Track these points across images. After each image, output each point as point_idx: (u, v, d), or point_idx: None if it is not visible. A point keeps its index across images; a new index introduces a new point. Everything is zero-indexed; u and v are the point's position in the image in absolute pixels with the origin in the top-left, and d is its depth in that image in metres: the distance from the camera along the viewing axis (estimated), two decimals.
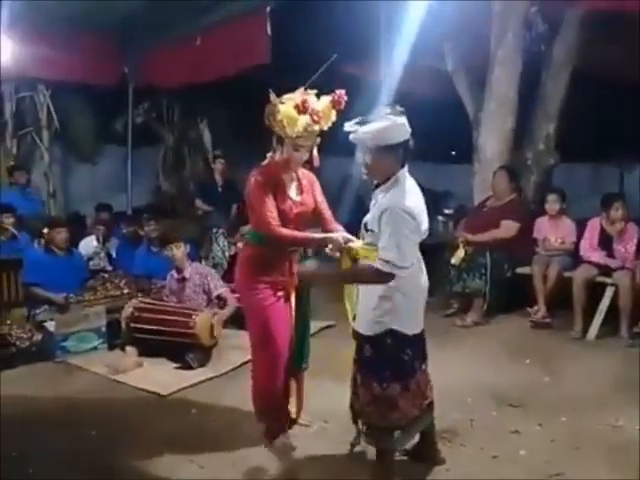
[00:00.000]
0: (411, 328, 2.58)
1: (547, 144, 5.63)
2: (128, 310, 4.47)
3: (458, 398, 3.53)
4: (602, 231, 4.90)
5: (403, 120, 2.47)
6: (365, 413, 2.64)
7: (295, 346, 3.07)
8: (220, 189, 6.96)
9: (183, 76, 7.09)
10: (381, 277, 2.44)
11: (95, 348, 4.55)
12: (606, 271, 4.79)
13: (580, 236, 5.13)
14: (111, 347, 4.63)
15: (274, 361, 2.97)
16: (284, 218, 2.88)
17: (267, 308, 2.93)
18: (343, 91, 2.84)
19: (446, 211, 7.44)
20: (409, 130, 2.49)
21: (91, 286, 5.01)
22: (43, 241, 5.44)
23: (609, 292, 4.72)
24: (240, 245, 6.62)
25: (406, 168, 2.55)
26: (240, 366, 4.23)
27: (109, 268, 5.92)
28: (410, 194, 2.50)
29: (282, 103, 2.80)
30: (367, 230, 2.57)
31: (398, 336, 2.54)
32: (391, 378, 2.56)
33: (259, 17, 6.31)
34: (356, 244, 2.68)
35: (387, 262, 2.40)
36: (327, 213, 3.12)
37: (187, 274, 4.63)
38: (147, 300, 4.64)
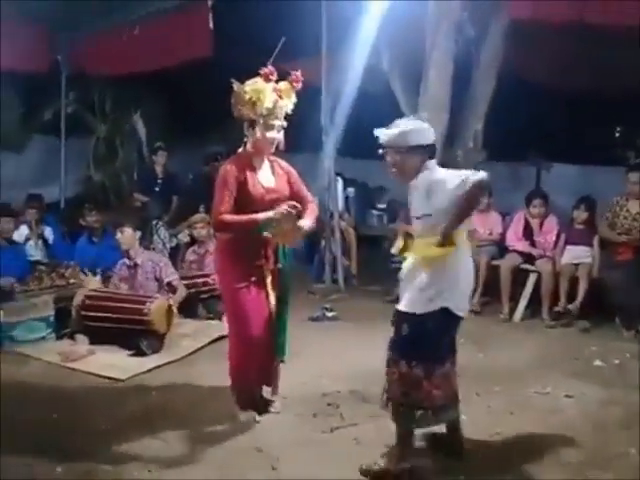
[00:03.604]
0: (461, 309, 2.71)
1: (475, 142, 6.05)
2: (79, 298, 4.48)
3: None
4: (526, 223, 5.40)
5: (427, 126, 2.75)
6: (391, 390, 2.76)
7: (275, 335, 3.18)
8: (160, 181, 6.97)
9: (121, 65, 7.03)
10: (482, 187, 2.60)
11: (43, 338, 4.52)
12: (529, 259, 5.29)
13: (505, 228, 5.62)
14: (59, 337, 4.60)
15: (244, 343, 3.12)
16: (257, 205, 3.01)
17: (238, 292, 3.07)
18: (299, 71, 3.05)
19: (379, 205, 7.78)
20: (433, 136, 2.74)
21: (37, 276, 4.94)
22: None
23: (532, 278, 5.21)
24: (181, 237, 6.73)
25: (434, 160, 2.75)
26: (193, 353, 4.37)
27: (45, 260, 5.84)
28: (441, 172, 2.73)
29: (244, 87, 2.98)
30: (418, 218, 2.73)
31: (447, 316, 2.67)
32: (420, 359, 2.67)
33: (201, 10, 6.39)
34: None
35: (474, 173, 2.57)
36: (306, 196, 3.22)
37: (139, 260, 4.68)
38: (99, 288, 4.66)
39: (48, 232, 6.14)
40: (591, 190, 5.65)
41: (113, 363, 4.11)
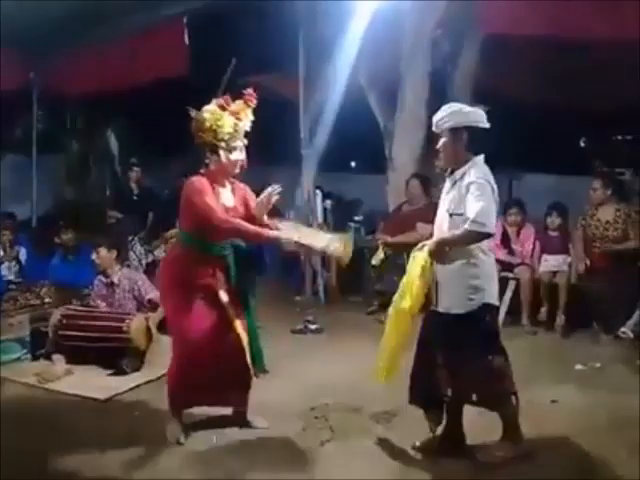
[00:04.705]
0: (496, 300, 2.88)
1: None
2: (55, 317, 4.37)
3: (392, 383, 3.79)
4: (504, 232, 5.47)
5: (473, 110, 2.79)
6: (479, 388, 2.82)
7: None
8: (135, 197, 6.90)
9: (95, 83, 6.98)
10: (478, 237, 2.71)
11: (18, 359, 4.39)
12: (507, 267, 5.34)
13: None
14: (34, 357, 4.48)
15: (183, 359, 3.10)
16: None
17: (182, 311, 3.04)
18: (251, 89, 3.07)
19: (356, 218, 7.80)
20: (481, 121, 2.77)
21: (11, 296, 4.81)
22: None
23: (511, 286, 5.27)
24: (157, 252, 6.64)
25: (482, 156, 2.80)
26: None
27: (17, 280, 5.71)
28: (488, 173, 2.79)
29: (202, 114, 2.99)
30: (451, 215, 2.80)
31: (491, 309, 2.82)
32: (495, 350, 2.83)
33: (176, 26, 6.38)
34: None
35: (482, 224, 2.64)
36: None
37: (116, 279, 4.59)
38: (75, 307, 4.55)
39: (22, 253, 6.01)
40: (562, 199, 5.75)
41: (93, 383, 4.00)
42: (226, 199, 3.11)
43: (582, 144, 10.05)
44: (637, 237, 4.96)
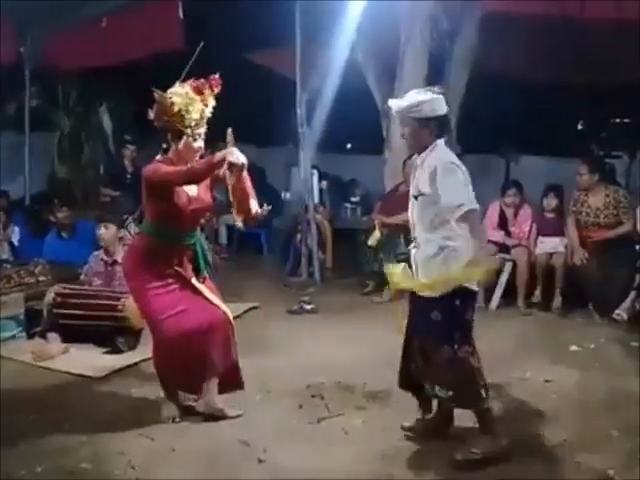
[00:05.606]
0: (473, 286, 2.77)
1: (449, 135, 6.07)
2: (50, 296, 4.33)
3: (387, 363, 3.81)
4: (501, 213, 5.45)
5: (438, 97, 2.72)
6: (443, 378, 2.74)
7: None
8: (129, 175, 6.82)
9: (89, 58, 6.88)
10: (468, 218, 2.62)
11: (13, 337, 4.39)
12: (504, 248, 5.34)
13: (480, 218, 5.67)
14: (29, 336, 4.46)
15: (161, 345, 3.11)
16: (180, 214, 2.96)
17: (150, 295, 3.02)
18: (217, 75, 2.97)
19: (353, 199, 7.77)
20: (444, 107, 2.73)
21: (5, 274, 4.78)
22: None
23: (507, 267, 5.27)
24: None
25: (443, 140, 2.77)
26: None
27: (11, 259, 5.68)
28: (451, 154, 2.74)
29: (170, 97, 2.87)
30: (417, 197, 2.74)
31: (466, 293, 2.71)
32: (461, 340, 2.71)
33: (171, 1, 6.28)
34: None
35: (459, 206, 2.58)
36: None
37: (119, 258, 4.55)
38: (70, 285, 4.52)
39: (15, 233, 5.97)
40: (559, 181, 5.72)
41: (88, 361, 4.00)
42: (189, 188, 3.00)
43: (580, 127, 10.02)
44: (629, 222, 4.96)
